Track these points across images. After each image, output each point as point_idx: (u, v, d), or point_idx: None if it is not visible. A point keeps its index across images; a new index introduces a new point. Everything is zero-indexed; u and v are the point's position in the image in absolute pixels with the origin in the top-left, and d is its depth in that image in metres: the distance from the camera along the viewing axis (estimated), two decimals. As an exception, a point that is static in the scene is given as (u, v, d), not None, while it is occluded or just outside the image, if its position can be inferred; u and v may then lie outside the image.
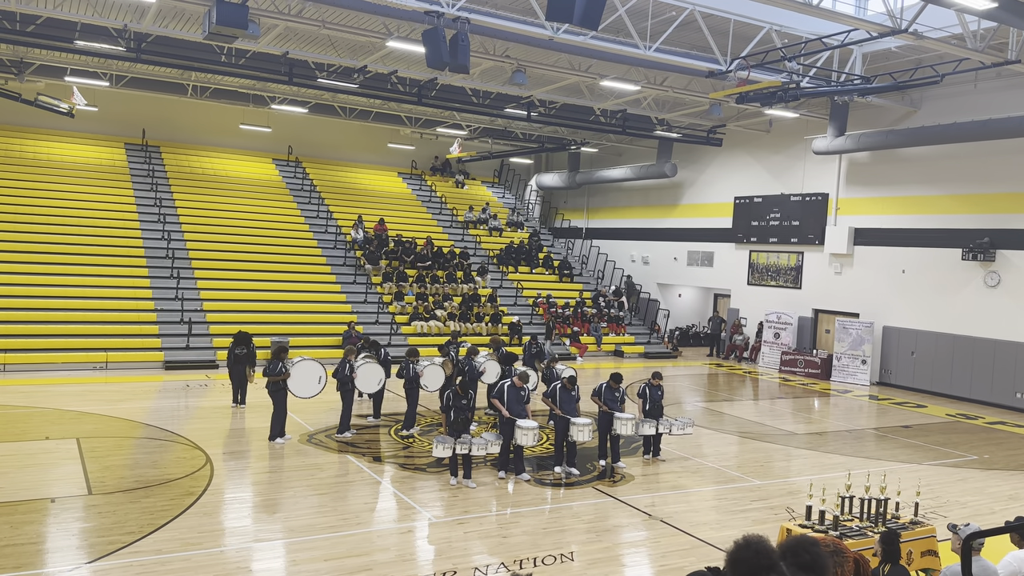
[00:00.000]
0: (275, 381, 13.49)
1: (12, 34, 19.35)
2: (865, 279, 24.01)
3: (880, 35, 15.84)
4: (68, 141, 29.68)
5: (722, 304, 30.77)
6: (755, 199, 27.57)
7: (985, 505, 11.62)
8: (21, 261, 22.76)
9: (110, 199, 27.08)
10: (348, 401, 14.21)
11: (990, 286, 20.72)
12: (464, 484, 11.37)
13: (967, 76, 20.09)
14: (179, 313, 22.34)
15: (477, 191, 37.49)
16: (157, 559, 8.33)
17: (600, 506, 10.88)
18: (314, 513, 10.00)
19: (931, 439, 16.19)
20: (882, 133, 22.43)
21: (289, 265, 26.45)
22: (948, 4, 13.11)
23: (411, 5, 14.84)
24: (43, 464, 11.63)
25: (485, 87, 23.04)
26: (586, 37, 16.66)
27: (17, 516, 9.37)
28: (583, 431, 12.10)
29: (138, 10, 18.05)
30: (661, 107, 25.55)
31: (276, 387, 13.49)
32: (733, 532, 9.82)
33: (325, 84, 22.88)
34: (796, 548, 3.50)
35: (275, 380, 13.49)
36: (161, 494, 10.43)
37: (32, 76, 24.55)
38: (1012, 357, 20.06)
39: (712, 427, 16.46)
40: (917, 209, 22.68)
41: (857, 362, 23.41)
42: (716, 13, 17.33)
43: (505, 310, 27.35)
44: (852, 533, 7.74)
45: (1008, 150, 20.26)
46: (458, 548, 9.08)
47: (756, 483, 12.32)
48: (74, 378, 18.73)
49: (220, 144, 32.71)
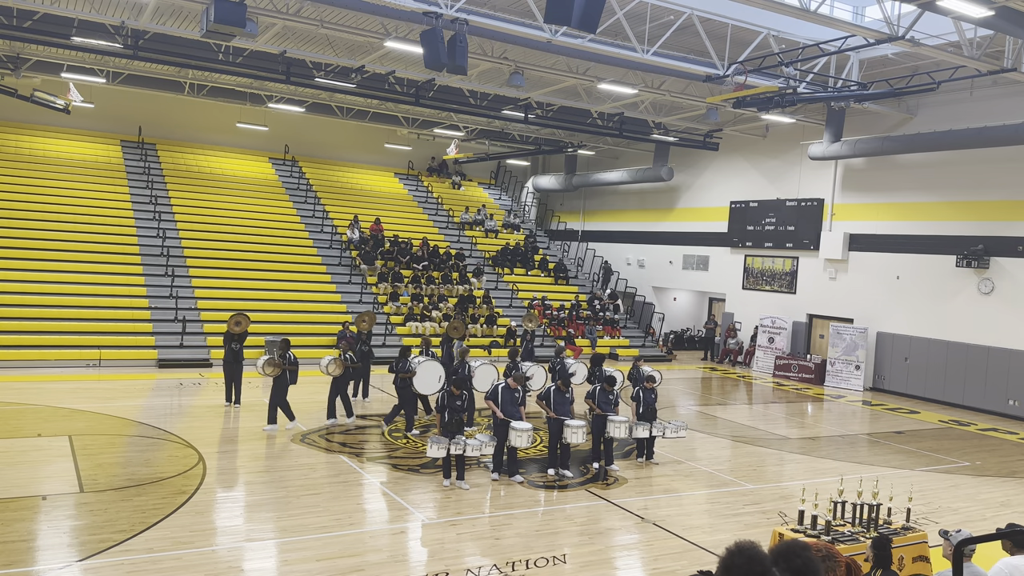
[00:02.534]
0: (404, 377, 14.53)
1: (9, 29, 19.28)
2: (860, 285, 24.07)
3: (877, 42, 15.88)
4: (64, 138, 29.60)
5: (717, 308, 30.80)
6: (751, 204, 27.62)
7: (977, 511, 11.65)
8: (14, 257, 22.68)
9: (105, 196, 27.01)
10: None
11: (984, 293, 20.79)
12: (457, 485, 11.36)
13: (963, 83, 20.16)
14: (173, 311, 22.29)
15: (473, 192, 37.49)
16: (148, 558, 8.31)
17: (593, 509, 10.88)
18: (306, 513, 9.97)
19: (924, 445, 16.23)
20: (878, 139, 22.50)
21: (284, 264, 26.41)
22: (945, 12, 13.17)
23: (410, 6, 14.85)
24: (35, 461, 11.59)
25: (483, 88, 23.04)
26: (584, 40, 16.67)
27: (8, 513, 9.33)
28: (577, 433, 12.10)
29: (136, 7, 18.00)
30: (658, 111, 25.59)
31: (404, 383, 14.56)
32: (726, 536, 9.83)
33: (323, 83, 22.86)
34: (788, 553, 3.50)
35: (404, 376, 14.52)
36: (153, 492, 10.39)
37: (28, 72, 24.48)
38: (1005, 364, 20.12)
39: (705, 431, 16.47)
40: (912, 215, 22.75)
41: (851, 367, 23.45)
42: (714, 18, 17.37)
43: (500, 311, 27.35)
44: (844, 538, 7.75)
45: (1003, 158, 20.33)
46: (451, 549, 9.07)
47: (749, 487, 12.34)
48: (67, 375, 18.67)
49: (216, 142, 32.66)
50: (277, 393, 14.30)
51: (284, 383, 14.35)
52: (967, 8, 12.82)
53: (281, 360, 14.42)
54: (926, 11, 13.63)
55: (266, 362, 14.40)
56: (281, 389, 14.31)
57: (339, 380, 15.04)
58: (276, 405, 14.34)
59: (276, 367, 14.33)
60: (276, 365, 14.34)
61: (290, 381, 14.47)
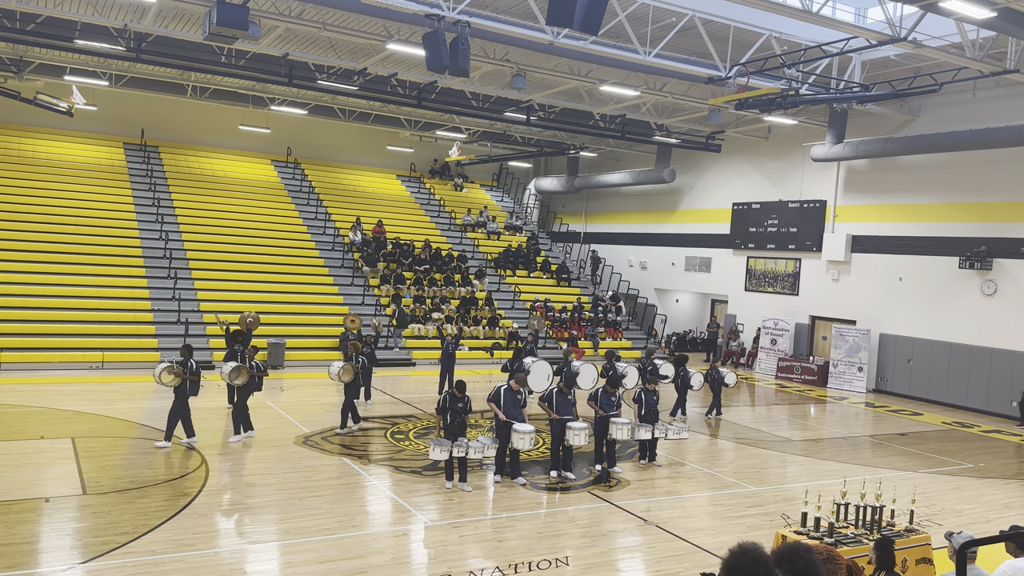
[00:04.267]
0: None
1: (12, 32, 19.33)
2: (862, 286, 24.04)
3: (879, 43, 15.87)
4: (67, 140, 29.65)
5: (719, 310, 30.78)
6: (753, 205, 27.61)
7: (980, 513, 11.63)
8: (18, 260, 22.72)
9: (108, 199, 27.05)
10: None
11: (987, 295, 20.76)
12: (459, 487, 11.35)
13: (966, 85, 20.15)
14: (176, 313, 22.31)
15: (476, 194, 37.50)
16: (151, 560, 8.31)
17: (595, 511, 10.87)
18: (309, 515, 9.97)
19: (927, 447, 16.20)
20: (880, 141, 22.48)
21: (287, 267, 26.43)
22: (947, 13, 13.16)
23: (412, 8, 14.86)
24: (38, 464, 11.60)
25: (485, 91, 23.06)
26: (586, 42, 16.68)
27: (11, 516, 9.34)
28: (579, 435, 12.09)
29: (138, 10, 18.05)
30: (660, 112, 25.59)
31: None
32: (728, 538, 9.82)
33: (325, 86, 22.89)
34: (791, 555, 3.50)
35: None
36: (156, 495, 10.40)
37: (31, 75, 24.54)
38: (1008, 366, 20.09)
39: (708, 433, 16.46)
40: (915, 217, 22.72)
41: (853, 369, 23.42)
42: (716, 20, 17.37)
43: (503, 313, 27.36)
44: (847, 540, 7.74)
45: (1006, 159, 20.30)
46: (453, 552, 9.06)
47: (752, 489, 12.32)
48: (70, 378, 18.69)
49: (219, 145, 32.70)
50: (178, 405, 12.79)
51: (184, 394, 12.83)
52: (969, 9, 12.81)
53: (181, 368, 12.86)
54: (928, 12, 13.63)
55: (164, 370, 12.79)
56: (182, 400, 12.83)
57: (351, 386, 14.63)
58: (176, 417, 12.82)
59: (176, 376, 12.77)
60: (176, 374, 12.77)
61: (190, 392, 12.90)
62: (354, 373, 14.70)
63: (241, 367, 13.63)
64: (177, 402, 12.82)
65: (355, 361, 14.97)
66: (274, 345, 21.55)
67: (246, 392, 13.66)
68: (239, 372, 13.56)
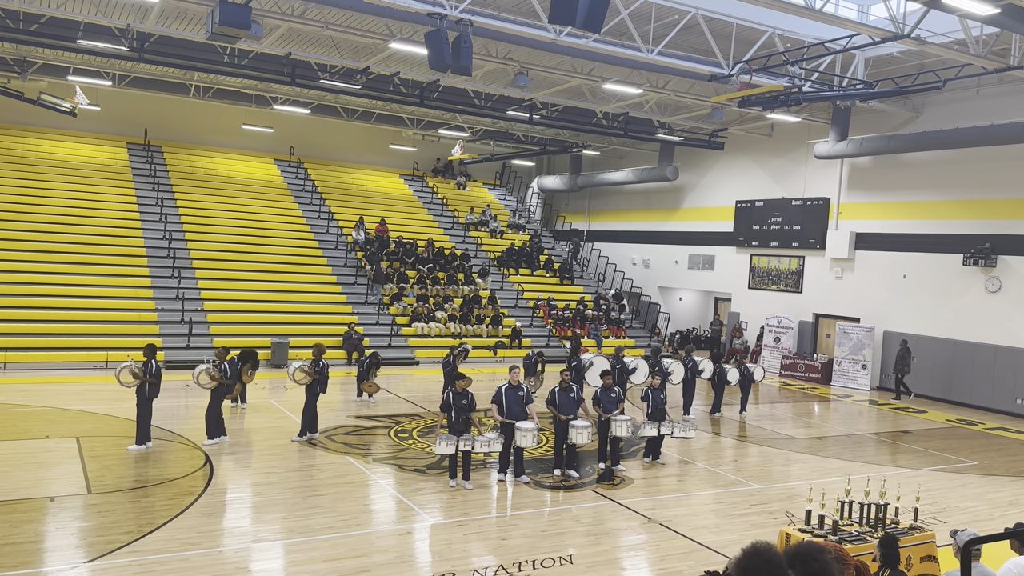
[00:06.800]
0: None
1: (15, 33, 19.37)
2: (866, 284, 23.99)
3: (883, 40, 15.84)
4: (70, 140, 29.71)
5: (723, 308, 30.75)
6: (756, 203, 27.56)
7: (985, 511, 11.60)
8: (22, 260, 22.78)
9: (112, 199, 27.10)
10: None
11: (991, 292, 20.71)
12: (462, 485, 11.36)
13: (970, 81, 20.08)
14: (180, 313, 22.35)
15: (478, 193, 37.50)
16: (156, 559, 8.33)
17: (599, 509, 10.87)
18: (313, 514, 9.99)
19: (931, 444, 16.17)
20: (884, 138, 22.43)
21: (290, 266, 26.46)
22: (951, 9, 13.11)
23: (414, 7, 14.86)
24: (43, 463, 11.63)
25: (487, 89, 23.05)
26: (589, 40, 16.66)
27: (16, 515, 9.37)
28: (582, 433, 12.08)
29: (141, 10, 18.07)
30: (663, 110, 25.56)
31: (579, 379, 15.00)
32: (732, 536, 9.81)
33: (327, 85, 22.89)
34: (805, 556, 3.51)
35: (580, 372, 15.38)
36: (160, 494, 10.42)
37: (35, 75, 24.58)
38: (1013, 363, 20.04)
39: (712, 431, 16.44)
40: (918, 214, 22.67)
41: (857, 367, 23.38)
42: (719, 17, 17.34)
43: (506, 312, 27.35)
44: (852, 538, 7.73)
45: (1010, 156, 20.24)
46: (457, 550, 9.07)
47: (756, 487, 12.31)
48: (74, 377, 18.73)
49: (222, 144, 32.73)
50: (142, 406, 12.46)
51: (144, 396, 12.49)
52: (973, 5, 12.76)
53: (141, 369, 12.42)
54: (932, 9, 13.58)
55: (125, 369, 12.40)
56: (142, 401, 12.50)
57: (310, 389, 13.85)
58: (143, 420, 12.55)
59: (135, 376, 12.39)
60: (135, 374, 12.38)
61: (150, 394, 12.55)
62: (311, 378, 13.73)
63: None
64: (140, 403, 12.50)
65: (317, 364, 13.87)
66: (277, 344, 21.58)
67: (219, 395, 13.38)
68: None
